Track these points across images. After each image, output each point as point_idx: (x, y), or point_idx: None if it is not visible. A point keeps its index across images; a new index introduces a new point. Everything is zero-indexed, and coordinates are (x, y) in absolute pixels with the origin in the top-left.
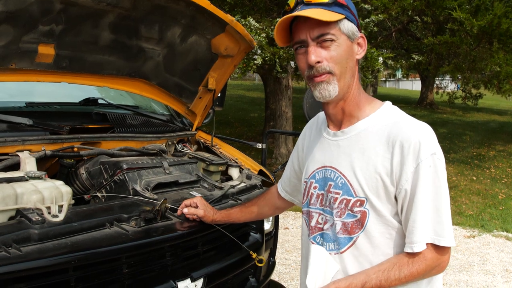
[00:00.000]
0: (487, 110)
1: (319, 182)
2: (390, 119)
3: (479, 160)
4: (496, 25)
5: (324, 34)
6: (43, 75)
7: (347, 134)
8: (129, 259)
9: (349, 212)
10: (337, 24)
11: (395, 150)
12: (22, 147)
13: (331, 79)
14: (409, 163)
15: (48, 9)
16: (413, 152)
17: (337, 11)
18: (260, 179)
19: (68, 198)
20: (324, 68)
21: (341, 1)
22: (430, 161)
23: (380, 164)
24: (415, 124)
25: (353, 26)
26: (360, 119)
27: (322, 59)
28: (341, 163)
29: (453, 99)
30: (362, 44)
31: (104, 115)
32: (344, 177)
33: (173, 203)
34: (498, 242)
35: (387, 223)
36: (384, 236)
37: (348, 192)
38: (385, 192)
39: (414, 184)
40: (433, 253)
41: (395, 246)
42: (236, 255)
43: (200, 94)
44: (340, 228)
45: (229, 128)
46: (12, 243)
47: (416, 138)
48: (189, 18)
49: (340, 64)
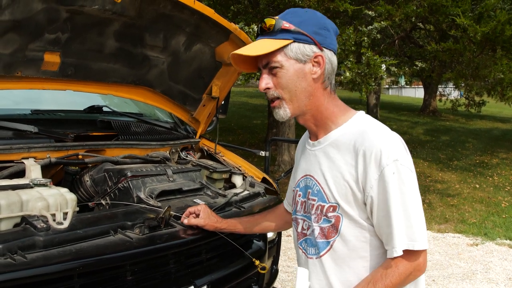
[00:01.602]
0: (490, 117)
1: (302, 190)
2: (358, 128)
3: (482, 168)
4: (499, 32)
5: (269, 62)
6: (49, 83)
7: (322, 144)
8: (133, 266)
9: (325, 218)
10: (282, 50)
11: (359, 158)
12: (28, 155)
13: (281, 104)
14: (372, 170)
15: (54, 18)
16: (375, 160)
17: (283, 37)
18: (263, 186)
19: (72, 205)
20: (272, 94)
21: (287, 27)
22: (393, 167)
23: (347, 172)
24: (380, 132)
25: (303, 48)
26: (333, 129)
27: (271, 85)
28: (317, 171)
29: (456, 106)
30: (320, 62)
31: (109, 123)
32: (319, 184)
33: (177, 210)
34: (501, 250)
35: (361, 227)
36: (359, 239)
37: (322, 199)
38: (354, 198)
39: (379, 191)
40: (404, 260)
41: (370, 249)
42: (239, 263)
43: (204, 102)
44: (318, 233)
45: (232, 135)
46: (18, 250)
47: (378, 146)
48: (194, 26)
49: (288, 89)
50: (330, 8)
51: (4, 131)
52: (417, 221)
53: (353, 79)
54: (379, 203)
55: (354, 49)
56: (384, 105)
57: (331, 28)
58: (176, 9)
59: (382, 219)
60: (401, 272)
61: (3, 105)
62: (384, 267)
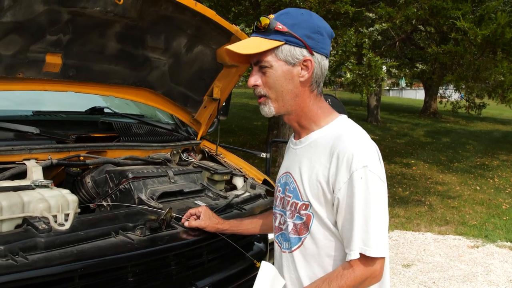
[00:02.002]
0: (491, 119)
1: (282, 186)
2: (337, 131)
3: (482, 170)
4: (500, 35)
5: (259, 61)
6: (50, 84)
7: (303, 143)
8: (134, 267)
9: (297, 215)
10: (273, 51)
11: (332, 160)
12: (29, 156)
13: (267, 102)
14: (342, 173)
15: (56, 19)
16: (346, 163)
17: (275, 38)
18: (264, 188)
19: (74, 207)
20: (259, 91)
21: (281, 29)
22: (362, 173)
23: (321, 173)
24: (355, 137)
25: (294, 51)
26: (315, 130)
27: (259, 83)
28: (295, 169)
29: (456, 108)
30: (308, 66)
31: (110, 124)
32: (295, 182)
33: (178, 212)
34: (502, 252)
35: (329, 228)
36: (328, 239)
37: (296, 196)
38: (325, 199)
39: (347, 194)
40: (361, 264)
41: (338, 249)
42: (240, 264)
43: (205, 103)
44: (291, 229)
45: (233, 136)
46: (19, 251)
47: (350, 151)
48: (195, 28)
49: (275, 89)
50: (331, 10)
51: (6, 132)
52: (376, 228)
53: (354, 81)
54: (344, 206)
55: (355, 51)
56: (385, 107)
57: (325, 32)
58: (177, 11)
59: (344, 221)
60: (357, 276)
61: (5, 106)
62: (342, 268)
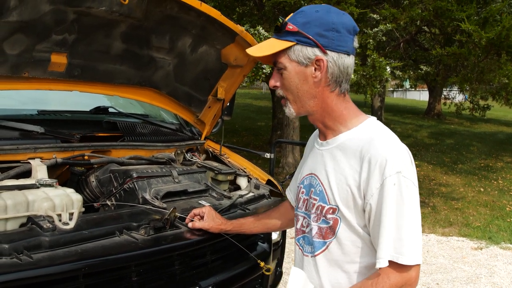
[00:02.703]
0: (495, 121)
1: (306, 187)
2: (367, 135)
3: (486, 171)
4: (504, 37)
5: (276, 62)
6: (55, 84)
7: (330, 145)
8: (138, 267)
9: (323, 218)
10: (285, 52)
11: (363, 165)
12: (34, 155)
13: (287, 103)
14: (375, 179)
15: (62, 19)
16: (379, 169)
17: (287, 39)
18: (268, 188)
19: (78, 206)
20: (278, 93)
21: (291, 29)
22: (395, 178)
23: (351, 177)
24: (388, 142)
25: (305, 51)
26: (342, 132)
27: (279, 85)
28: (321, 171)
29: (460, 110)
30: (321, 66)
31: (114, 124)
32: (322, 185)
33: (182, 212)
34: (506, 254)
35: (357, 233)
36: (355, 244)
37: (323, 199)
38: (354, 203)
39: (379, 200)
40: (396, 272)
41: (365, 256)
42: (244, 264)
43: (209, 103)
44: (316, 232)
45: (236, 136)
46: (23, 250)
47: (384, 155)
48: (200, 28)
49: (290, 90)
50: None
51: (11, 131)
52: (409, 235)
53: (358, 81)
54: (376, 212)
55: (360, 52)
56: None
57: (343, 28)
58: (182, 11)
59: (375, 228)
60: (392, 284)
61: (10, 105)
62: (375, 276)
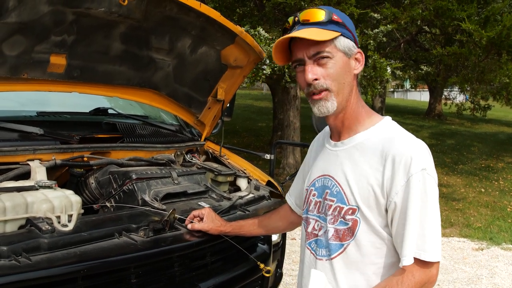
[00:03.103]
0: (496, 121)
1: (318, 190)
2: (386, 134)
3: (487, 172)
4: (505, 37)
5: (319, 52)
6: (55, 85)
7: (346, 145)
8: (137, 269)
9: (342, 220)
10: (332, 41)
11: (387, 164)
12: (33, 156)
13: (329, 96)
14: (400, 177)
15: (61, 20)
16: (404, 167)
17: (332, 29)
18: (268, 190)
19: (77, 208)
20: (321, 85)
21: (336, 19)
22: (420, 176)
23: (372, 176)
24: (409, 140)
25: (349, 42)
26: (359, 132)
27: (319, 76)
28: (338, 172)
29: (461, 110)
30: (359, 59)
31: (114, 125)
32: (339, 186)
33: (181, 213)
34: (507, 255)
35: (377, 234)
36: (374, 245)
37: (341, 200)
38: (376, 203)
39: (404, 198)
40: (420, 269)
41: (384, 257)
42: (244, 266)
43: (209, 104)
44: (332, 235)
45: (237, 137)
46: (22, 252)
47: (408, 153)
48: (199, 29)
49: (337, 81)
50: None
51: (10, 133)
52: (431, 232)
53: (359, 82)
54: (401, 210)
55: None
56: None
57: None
58: (182, 12)
59: (400, 226)
60: (417, 281)
61: (9, 106)
62: (399, 274)
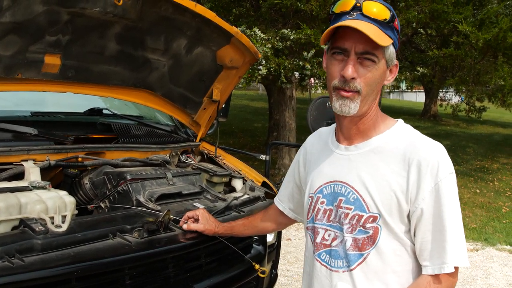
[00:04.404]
0: (491, 122)
1: (327, 197)
2: (405, 138)
3: (482, 173)
4: (501, 39)
5: (369, 53)
6: (49, 85)
7: (360, 149)
8: (131, 270)
9: (361, 228)
10: (383, 47)
11: (411, 169)
12: (27, 157)
13: (356, 98)
14: (427, 182)
15: (55, 20)
16: (431, 172)
17: (389, 34)
18: (263, 190)
19: (71, 208)
20: (355, 86)
21: (396, 25)
22: (449, 180)
23: (395, 182)
24: (432, 144)
25: (394, 53)
26: (374, 136)
27: (358, 76)
28: (354, 178)
29: (457, 111)
30: (393, 70)
31: (109, 125)
32: (357, 192)
33: (176, 214)
34: (502, 256)
35: (399, 240)
36: (395, 253)
37: (360, 208)
38: (398, 209)
39: (432, 204)
40: (450, 277)
41: (404, 264)
42: (239, 267)
43: (204, 105)
44: (351, 245)
45: (233, 138)
46: (15, 253)
47: (435, 158)
48: (195, 29)
49: (371, 87)
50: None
51: (4, 133)
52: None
53: None
54: (430, 216)
55: None
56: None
57: None
58: (177, 12)
59: (433, 233)
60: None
61: (3, 107)
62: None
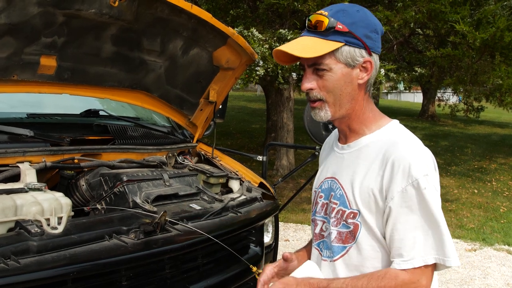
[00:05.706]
0: (489, 122)
1: (325, 192)
2: (391, 137)
3: (480, 173)
4: (498, 39)
5: (316, 63)
6: (45, 87)
7: (352, 148)
8: (128, 271)
9: (344, 223)
10: (332, 53)
11: (386, 168)
12: (23, 158)
13: (323, 106)
14: (397, 182)
15: (51, 22)
16: (402, 172)
17: (334, 39)
18: (260, 191)
19: (67, 210)
20: (315, 95)
21: (341, 29)
22: (423, 182)
23: (373, 180)
24: (412, 145)
25: (354, 52)
26: (365, 135)
27: (315, 86)
28: (342, 175)
29: (454, 111)
30: (368, 68)
31: (105, 127)
32: (342, 189)
33: (172, 215)
34: (500, 256)
35: (377, 238)
36: (374, 249)
37: (344, 204)
38: (376, 207)
39: (400, 204)
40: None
41: (384, 261)
42: (236, 268)
43: (201, 106)
44: (335, 237)
45: (231, 139)
46: (11, 255)
47: (407, 159)
48: (191, 31)
49: (333, 93)
50: None
51: (0, 135)
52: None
53: None
54: (395, 215)
55: None
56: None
57: (379, 30)
58: (173, 13)
59: (394, 231)
60: (398, 284)
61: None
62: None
